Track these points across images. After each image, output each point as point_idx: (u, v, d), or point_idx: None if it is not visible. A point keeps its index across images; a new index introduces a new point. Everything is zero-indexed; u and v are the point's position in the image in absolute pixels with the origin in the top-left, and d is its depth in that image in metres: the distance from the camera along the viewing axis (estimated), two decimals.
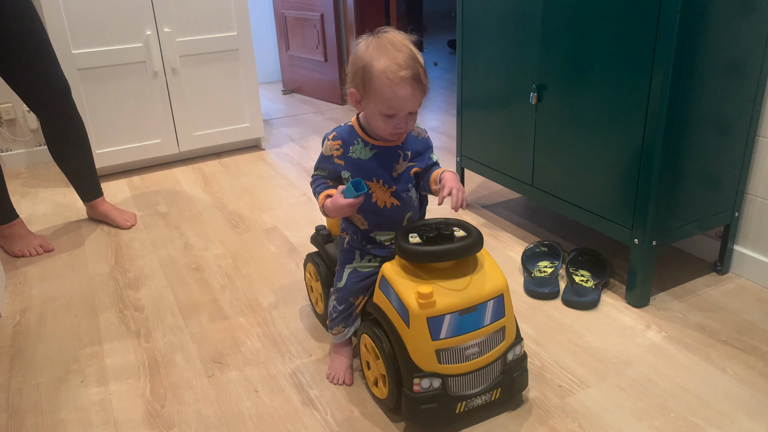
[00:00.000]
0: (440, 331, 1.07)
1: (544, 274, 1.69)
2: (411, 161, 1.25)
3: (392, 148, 1.24)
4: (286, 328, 1.55)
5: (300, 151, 2.95)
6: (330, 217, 1.27)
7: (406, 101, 1.13)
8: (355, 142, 1.24)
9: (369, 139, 1.24)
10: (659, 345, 1.43)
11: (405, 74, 1.10)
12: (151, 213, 2.29)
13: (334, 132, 1.27)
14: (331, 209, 1.22)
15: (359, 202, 1.18)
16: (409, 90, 1.12)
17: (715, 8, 1.34)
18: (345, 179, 1.26)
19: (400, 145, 1.24)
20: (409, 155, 1.25)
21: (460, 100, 2.08)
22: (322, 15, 3.57)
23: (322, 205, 1.25)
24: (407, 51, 1.13)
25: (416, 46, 1.18)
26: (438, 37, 5.72)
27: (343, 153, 1.25)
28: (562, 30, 1.59)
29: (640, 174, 1.46)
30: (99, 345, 1.52)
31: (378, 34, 1.17)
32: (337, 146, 1.25)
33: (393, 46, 1.13)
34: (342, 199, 1.17)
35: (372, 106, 1.16)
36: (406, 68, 1.11)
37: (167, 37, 2.54)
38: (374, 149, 1.24)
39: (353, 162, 1.24)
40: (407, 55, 1.12)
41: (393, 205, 1.25)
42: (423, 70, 1.14)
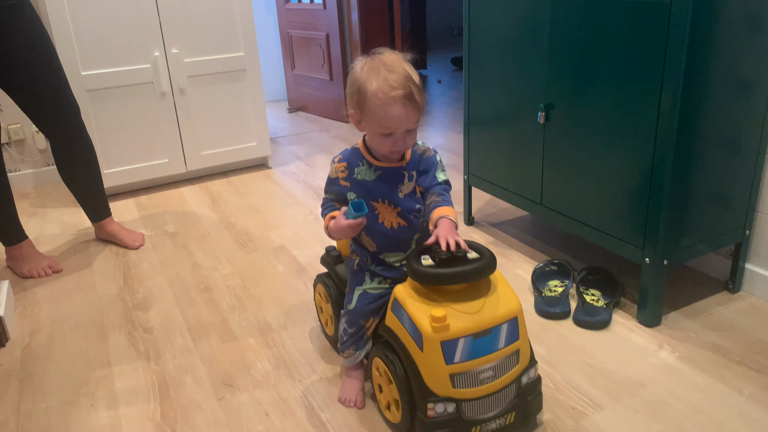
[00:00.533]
0: (454, 355, 1.07)
1: (555, 294, 1.68)
2: (417, 181, 1.25)
3: (397, 169, 1.24)
4: (296, 350, 1.54)
5: (306, 169, 2.95)
6: (335, 239, 1.28)
7: (399, 120, 1.14)
8: (360, 163, 1.25)
9: (373, 160, 1.25)
10: (673, 365, 1.41)
11: (396, 94, 1.12)
12: (158, 233, 2.29)
13: (340, 155, 1.29)
14: (334, 230, 1.23)
15: (360, 224, 1.18)
16: (402, 109, 1.13)
17: (724, 27, 1.34)
18: (351, 200, 1.27)
19: (405, 166, 1.24)
20: (414, 175, 1.24)
21: (467, 118, 2.09)
22: (327, 35, 3.59)
23: (327, 226, 1.26)
24: (400, 71, 1.14)
25: (414, 64, 1.19)
26: (442, 55, 5.76)
27: (348, 175, 1.26)
28: (570, 49, 1.60)
29: (650, 193, 1.45)
30: (108, 367, 1.52)
31: (373, 55, 1.19)
32: (343, 168, 1.27)
33: (386, 67, 1.14)
34: (343, 221, 1.19)
35: (369, 126, 1.18)
36: (398, 88, 1.12)
37: (175, 58, 2.56)
38: (378, 170, 1.24)
39: (358, 183, 1.25)
40: (400, 75, 1.13)
41: (400, 225, 1.25)
42: (417, 88, 1.15)
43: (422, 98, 1.16)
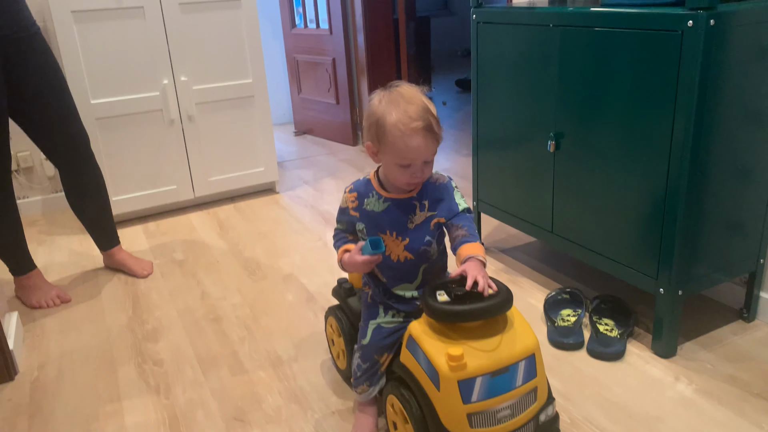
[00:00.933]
0: (472, 394, 1.05)
1: (568, 323, 1.67)
2: (430, 211, 1.23)
3: (407, 200, 1.23)
4: (307, 383, 1.53)
5: (314, 193, 2.95)
6: (347, 272, 1.28)
7: (419, 151, 1.14)
8: (371, 195, 1.26)
9: (383, 192, 1.24)
10: (690, 398, 1.39)
11: (417, 125, 1.13)
12: (167, 261, 2.28)
13: (352, 185, 1.30)
14: (348, 264, 1.23)
15: (376, 261, 1.19)
16: (422, 140, 1.14)
17: (736, 57, 1.34)
18: (359, 231, 1.27)
19: (416, 196, 1.23)
20: (427, 205, 1.23)
21: (475, 144, 2.09)
22: (333, 59, 3.62)
23: (340, 259, 1.26)
24: (419, 103, 1.15)
25: (427, 92, 1.20)
26: (446, 77, 5.78)
27: (358, 205, 1.27)
28: (580, 78, 1.60)
29: (663, 222, 1.44)
30: (118, 402, 1.50)
31: (390, 88, 1.19)
32: (353, 198, 1.28)
33: (404, 99, 1.15)
34: (358, 257, 1.19)
35: (388, 157, 1.18)
36: (418, 120, 1.13)
37: (184, 85, 2.57)
38: (387, 202, 1.24)
39: (367, 214, 1.25)
40: (419, 107, 1.14)
41: (406, 258, 1.25)
42: (435, 119, 1.16)
43: (440, 130, 1.17)
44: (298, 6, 3.82)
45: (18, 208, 1.93)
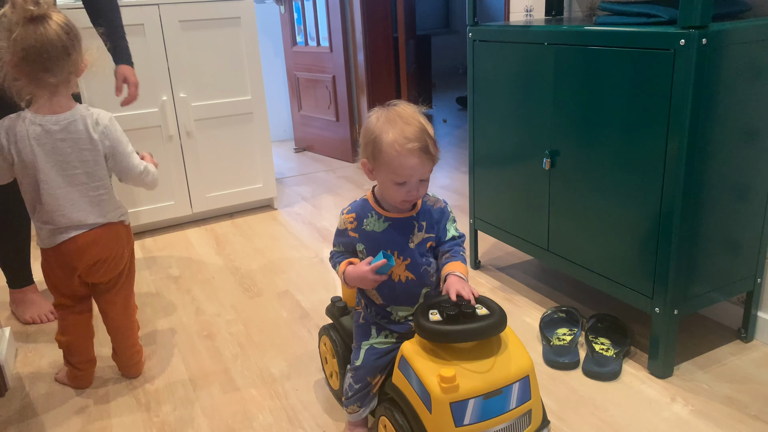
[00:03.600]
0: (464, 416, 1.04)
1: (563, 342, 1.65)
2: (427, 232, 1.24)
3: (407, 220, 1.23)
4: (299, 402, 1.51)
5: (312, 210, 2.95)
6: (349, 286, 1.26)
7: (414, 170, 1.15)
8: (369, 215, 1.25)
9: (382, 211, 1.24)
10: (686, 420, 1.37)
11: (413, 146, 1.13)
12: (162, 276, 2.28)
13: (349, 206, 1.28)
14: (353, 278, 1.22)
15: (381, 278, 1.19)
16: (418, 161, 1.14)
17: (728, 75, 1.34)
18: (360, 252, 1.26)
19: (416, 216, 1.23)
20: (425, 226, 1.23)
21: (471, 162, 2.09)
22: (333, 76, 3.64)
23: (344, 271, 1.24)
24: (416, 123, 1.15)
25: (425, 110, 1.20)
26: (447, 94, 5.81)
27: (357, 226, 1.26)
28: (574, 96, 1.60)
29: (659, 241, 1.43)
30: (108, 419, 1.49)
31: (388, 106, 1.19)
32: (351, 219, 1.26)
33: (401, 119, 1.15)
34: (366, 268, 1.18)
35: (383, 175, 1.18)
36: (414, 141, 1.13)
37: (183, 102, 2.59)
38: (388, 221, 1.23)
39: (367, 234, 1.24)
40: (416, 128, 1.14)
41: (408, 279, 1.24)
42: (432, 140, 1.16)
43: (436, 150, 1.17)
44: (299, 24, 3.85)
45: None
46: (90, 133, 1.43)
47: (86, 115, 1.44)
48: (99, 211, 1.49)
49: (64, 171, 1.43)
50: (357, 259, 1.26)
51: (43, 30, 1.33)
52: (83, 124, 1.42)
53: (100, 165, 1.46)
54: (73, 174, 1.44)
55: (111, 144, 1.46)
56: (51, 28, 1.34)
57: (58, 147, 1.41)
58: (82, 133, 1.42)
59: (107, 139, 1.45)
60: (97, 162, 1.46)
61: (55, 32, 1.35)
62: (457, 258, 1.22)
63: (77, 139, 1.42)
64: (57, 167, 1.42)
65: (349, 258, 1.27)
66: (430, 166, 1.17)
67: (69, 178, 1.44)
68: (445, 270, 1.20)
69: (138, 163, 1.52)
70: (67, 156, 1.42)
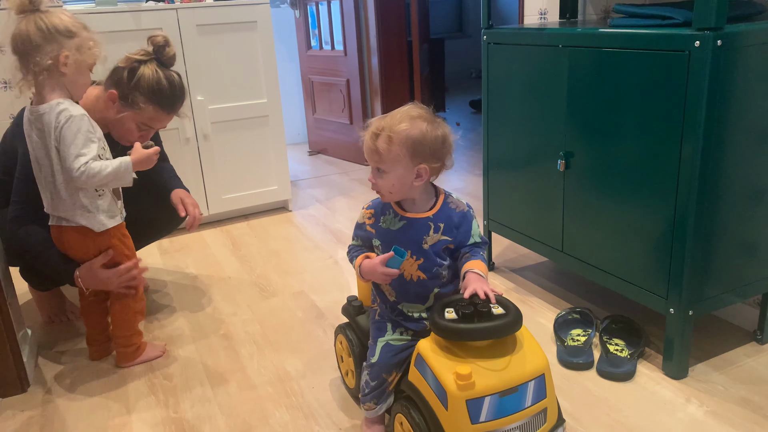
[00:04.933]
0: (480, 414, 1.05)
1: (578, 343, 1.66)
2: (444, 234, 1.24)
3: (422, 220, 1.24)
4: (315, 400, 1.53)
5: (326, 212, 2.97)
6: (363, 279, 1.29)
7: (366, 152, 1.22)
8: (387, 212, 1.27)
9: (400, 210, 1.26)
10: (701, 420, 1.37)
11: (368, 130, 1.20)
12: (179, 277, 2.31)
13: (370, 202, 1.32)
14: (367, 271, 1.24)
15: (395, 274, 1.21)
16: (368, 143, 1.21)
17: (744, 76, 1.35)
18: (376, 247, 1.28)
19: (432, 217, 1.25)
20: (442, 228, 1.24)
21: (486, 164, 2.10)
22: (348, 80, 3.67)
23: (359, 264, 1.27)
24: (393, 117, 1.20)
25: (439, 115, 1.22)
26: (460, 97, 5.82)
27: (374, 222, 1.29)
28: (589, 98, 1.61)
29: (673, 242, 1.44)
30: (128, 415, 1.51)
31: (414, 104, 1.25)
32: (370, 215, 1.30)
33: (396, 112, 1.21)
34: (380, 267, 1.20)
35: None
36: (374, 127, 1.20)
37: (200, 105, 2.63)
38: (403, 220, 1.25)
39: (383, 231, 1.27)
40: (388, 122, 1.19)
41: (419, 278, 1.25)
42: (388, 139, 1.17)
43: (389, 151, 1.18)
44: (314, 28, 3.89)
45: None
46: (51, 127, 1.45)
47: (55, 110, 1.45)
48: (52, 208, 1.56)
49: (37, 162, 1.52)
50: (374, 254, 1.29)
51: (24, 25, 1.42)
52: (49, 117, 1.45)
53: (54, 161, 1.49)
54: (40, 166, 1.52)
55: (57, 141, 1.46)
56: (30, 24, 1.42)
57: (32, 137, 1.50)
58: (48, 126, 1.46)
59: (58, 134, 1.45)
60: (50, 157, 1.49)
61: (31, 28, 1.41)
62: (476, 257, 1.23)
63: (43, 131, 1.47)
64: (32, 156, 1.53)
65: (367, 252, 1.30)
66: (378, 159, 1.20)
67: (38, 169, 1.53)
68: (464, 268, 1.21)
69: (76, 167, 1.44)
70: (36, 147, 1.50)
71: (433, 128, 1.19)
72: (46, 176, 1.52)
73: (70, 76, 1.48)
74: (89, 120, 1.49)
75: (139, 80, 1.65)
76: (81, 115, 1.47)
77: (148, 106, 1.67)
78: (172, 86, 1.71)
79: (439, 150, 1.21)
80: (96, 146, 1.48)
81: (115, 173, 1.48)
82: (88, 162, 1.44)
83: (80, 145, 1.45)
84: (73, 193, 1.51)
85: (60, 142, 1.45)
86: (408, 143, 1.18)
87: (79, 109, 1.48)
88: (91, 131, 1.48)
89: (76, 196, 1.52)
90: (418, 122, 1.19)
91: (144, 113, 1.68)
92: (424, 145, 1.18)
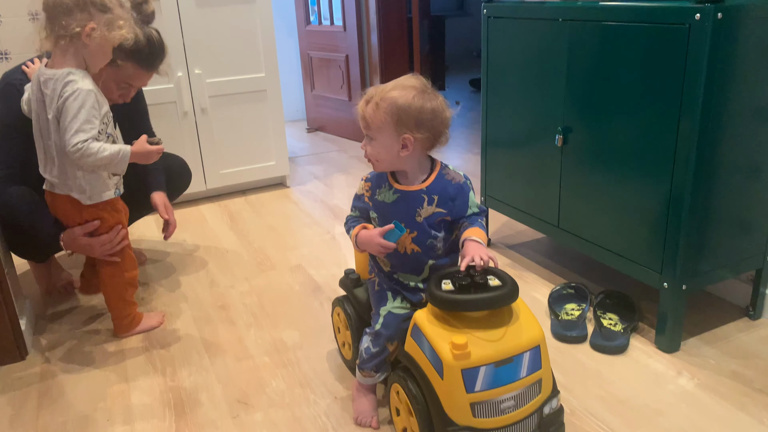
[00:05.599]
0: (475, 383, 1.06)
1: (572, 317, 1.67)
2: (439, 207, 1.24)
3: (416, 192, 1.24)
4: (311, 370, 1.55)
5: (324, 189, 2.97)
6: (359, 250, 1.30)
7: (359, 117, 1.22)
8: (383, 185, 1.27)
9: (394, 183, 1.26)
10: (692, 393, 1.39)
11: (365, 96, 1.22)
12: (177, 250, 2.32)
13: (368, 174, 1.33)
14: (363, 241, 1.26)
15: (391, 247, 1.22)
16: (361, 107, 1.21)
17: (743, 52, 1.34)
18: (373, 219, 1.30)
19: (425, 189, 1.24)
20: (436, 200, 1.24)
21: (484, 140, 2.10)
22: (347, 56, 3.64)
23: (356, 234, 1.29)
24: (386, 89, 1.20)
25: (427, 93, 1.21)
26: (460, 76, 5.79)
27: (371, 194, 1.30)
28: (588, 73, 1.61)
29: (669, 217, 1.44)
30: (125, 383, 1.53)
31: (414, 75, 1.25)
32: (367, 188, 1.31)
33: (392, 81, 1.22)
34: (375, 236, 1.22)
35: None
36: (368, 93, 1.21)
37: (197, 78, 2.61)
38: (397, 193, 1.25)
39: (378, 204, 1.28)
40: (383, 90, 1.20)
41: (413, 251, 1.26)
42: (375, 107, 1.19)
43: (375, 117, 1.19)
44: (313, 4, 3.85)
45: None
46: (56, 94, 1.44)
47: (63, 79, 1.43)
48: (46, 171, 1.56)
49: (38, 122, 1.51)
50: (371, 225, 1.30)
51: None
52: (55, 85, 1.44)
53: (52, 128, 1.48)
54: (39, 126, 1.52)
55: (59, 112, 1.44)
56: None
57: (37, 96, 1.48)
58: (53, 92, 1.44)
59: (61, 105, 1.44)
60: (48, 122, 1.48)
61: None
62: (474, 225, 1.23)
63: (46, 95, 1.46)
64: (34, 115, 1.52)
65: (364, 223, 1.31)
66: (365, 124, 1.21)
67: (37, 129, 1.52)
68: (463, 236, 1.21)
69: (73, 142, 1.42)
70: (39, 107, 1.49)
71: (423, 99, 1.18)
72: (45, 139, 1.52)
73: (92, 49, 1.46)
74: (96, 96, 1.47)
75: None
76: (89, 90, 1.45)
77: (127, 63, 1.63)
78: (151, 43, 1.66)
79: (427, 122, 1.18)
80: (98, 124, 1.46)
81: (110, 158, 1.46)
82: (88, 140, 1.43)
83: (82, 120, 1.43)
84: (67, 162, 1.51)
85: (61, 113, 1.43)
86: (392, 111, 1.17)
87: (90, 83, 1.46)
88: (95, 108, 1.45)
89: (69, 165, 1.52)
90: (408, 91, 1.18)
91: (123, 70, 1.65)
92: (409, 114, 1.17)
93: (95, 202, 1.58)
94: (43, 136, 1.52)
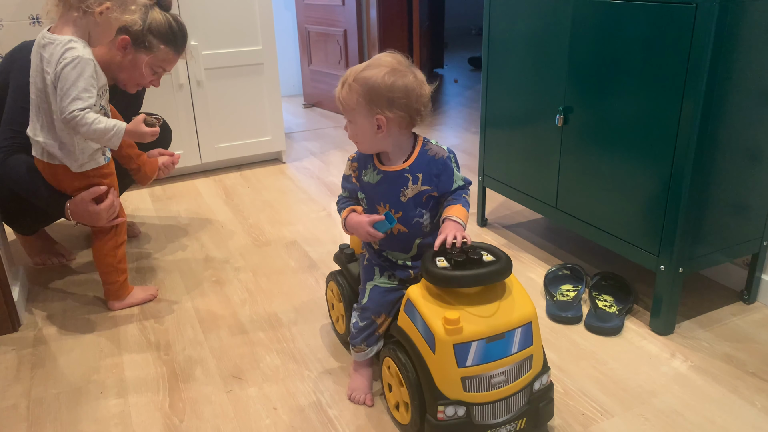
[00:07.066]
0: (467, 358, 1.06)
1: (567, 298, 1.67)
2: (424, 184, 1.22)
3: (399, 173, 1.23)
4: (306, 345, 1.54)
5: (320, 165, 2.95)
6: (347, 232, 1.30)
7: (338, 99, 1.21)
8: (369, 166, 1.27)
9: (378, 164, 1.25)
10: (685, 375, 1.40)
11: (342, 77, 1.21)
12: (172, 224, 2.30)
13: (355, 154, 1.31)
14: (351, 226, 1.27)
15: (378, 236, 1.23)
16: (339, 89, 1.21)
17: (749, 33, 1.32)
18: (361, 199, 1.30)
19: (407, 168, 1.22)
20: (420, 178, 1.22)
21: (483, 119, 2.08)
22: (345, 31, 3.59)
23: (345, 217, 1.29)
24: (360, 66, 1.19)
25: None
26: (459, 54, 5.74)
27: (358, 174, 1.29)
28: (591, 52, 1.59)
29: (667, 200, 1.44)
30: (119, 356, 1.53)
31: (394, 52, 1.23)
32: (354, 168, 1.30)
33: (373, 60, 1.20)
34: (365, 221, 1.22)
35: None
36: (344, 75, 1.20)
37: (193, 50, 2.56)
38: (380, 174, 1.24)
39: (364, 185, 1.28)
40: (354, 68, 1.19)
41: (399, 231, 1.25)
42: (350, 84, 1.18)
43: (348, 99, 1.18)
44: None
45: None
46: (54, 59, 1.42)
47: (64, 46, 1.42)
48: (34, 132, 1.54)
49: (35, 84, 1.49)
50: (360, 207, 1.30)
51: None
52: (55, 50, 1.42)
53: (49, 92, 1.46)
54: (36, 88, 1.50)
55: (56, 78, 1.42)
56: None
57: (35, 59, 1.47)
58: (52, 57, 1.42)
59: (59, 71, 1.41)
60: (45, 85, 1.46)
61: None
62: (458, 201, 1.22)
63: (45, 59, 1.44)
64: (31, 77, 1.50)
65: (354, 205, 1.31)
66: (342, 107, 1.21)
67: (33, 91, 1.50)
68: (444, 214, 1.21)
69: (70, 109, 1.40)
70: (36, 70, 1.48)
71: (394, 77, 1.14)
72: (41, 101, 1.49)
73: (101, 26, 1.48)
74: (95, 67, 1.46)
75: (151, 24, 1.70)
76: (89, 59, 1.44)
77: (162, 47, 1.73)
78: (181, 27, 1.79)
79: (400, 100, 1.15)
80: (95, 94, 1.45)
81: (104, 132, 1.44)
82: (85, 109, 1.41)
83: (81, 88, 1.42)
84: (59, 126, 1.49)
85: (59, 80, 1.41)
86: (363, 91, 1.15)
87: (90, 53, 1.46)
88: (94, 77, 1.45)
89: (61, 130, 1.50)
90: (379, 70, 1.15)
91: (159, 55, 1.75)
92: (379, 94, 1.14)
93: (84, 170, 1.56)
94: (37, 95, 1.50)
